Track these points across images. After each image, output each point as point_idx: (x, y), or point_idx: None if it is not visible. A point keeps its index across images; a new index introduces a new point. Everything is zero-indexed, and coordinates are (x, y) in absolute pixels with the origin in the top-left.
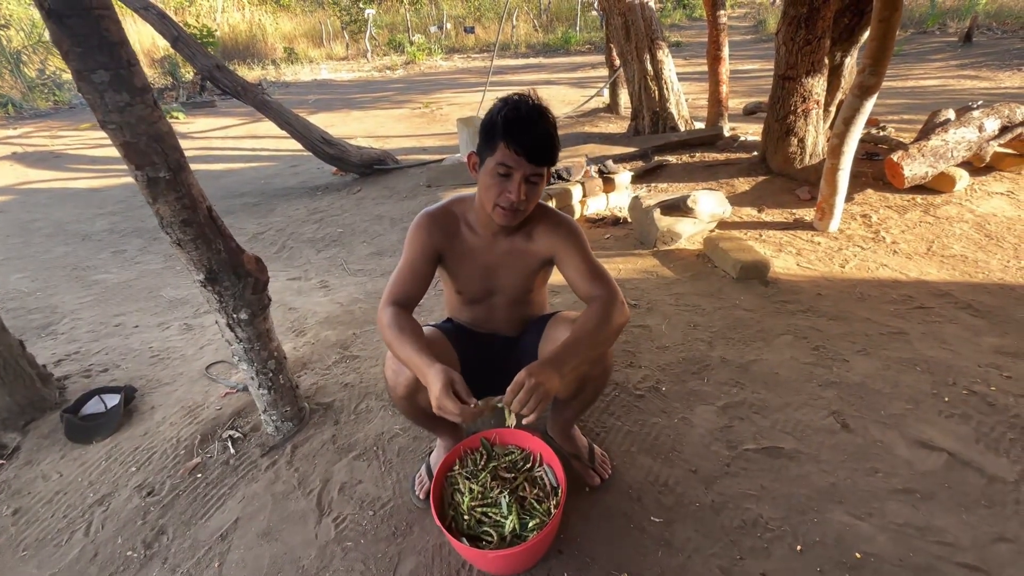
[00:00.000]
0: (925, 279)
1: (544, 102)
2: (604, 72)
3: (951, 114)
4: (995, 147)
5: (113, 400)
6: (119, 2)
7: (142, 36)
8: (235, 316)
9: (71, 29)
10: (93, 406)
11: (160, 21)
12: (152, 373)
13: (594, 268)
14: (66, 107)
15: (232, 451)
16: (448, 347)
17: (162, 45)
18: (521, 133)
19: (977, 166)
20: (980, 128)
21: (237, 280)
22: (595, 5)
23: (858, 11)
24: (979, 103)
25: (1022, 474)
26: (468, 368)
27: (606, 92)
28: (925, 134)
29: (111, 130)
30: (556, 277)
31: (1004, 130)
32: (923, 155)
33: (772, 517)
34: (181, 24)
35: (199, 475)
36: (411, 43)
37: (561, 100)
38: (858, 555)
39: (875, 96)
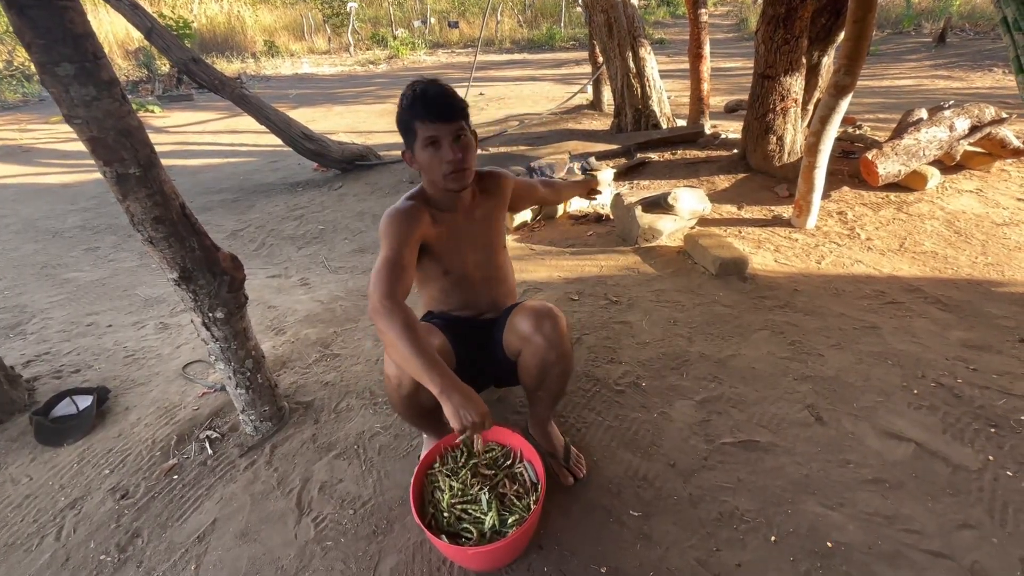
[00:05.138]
0: (897, 275)
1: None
2: (588, 69)
3: (924, 114)
4: (965, 146)
5: (85, 401)
6: None
7: (115, 27)
8: (210, 315)
9: (33, 20)
10: (64, 408)
11: (132, 12)
12: (126, 373)
13: (536, 180)
14: (35, 100)
15: (210, 451)
16: (445, 341)
17: (136, 36)
18: (427, 104)
19: (948, 164)
20: (951, 127)
21: (212, 278)
22: (579, 1)
23: (835, 11)
24: (950, 103)
25: (985, 463)
26: (457, 356)
27: (589, 89)
28: (899, 133)
29: (77, 125)
30: (536, 274)
31: (974, 129)
32: (896, 154)
33: (748, 509)
34: (155, 15)
35: (175, 476)
36: (394, 37)
37: (545, 96)
38: (829, 544)
39: (850, 95)
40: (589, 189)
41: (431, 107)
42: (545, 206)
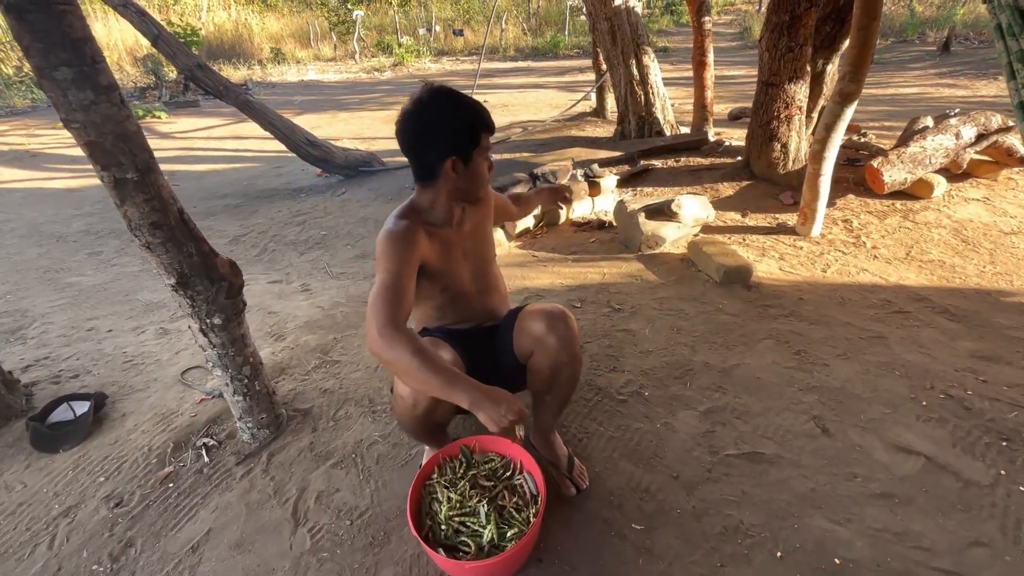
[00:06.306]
0: (904, 283)
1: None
2: (592, 76)
3: (929, 121)
4: (972, 154)
5: (82, 407)
6: None
7: (125, 34)
8: (208, 321)
9: (31, 24)
10: (61, 414)
11: (140, 19)
12: (125, 379)
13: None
14: (44, 105)
15: (206, 459)
16: (454, 353)
17: (145, 44)
18: (489, 116)
19: (954, 172)
20: (957, 135)
21: (210, 284)
22: (583, 10)
23: (839, 19)
24: (956, 111)
25: (997, 478)
26: (467, 365)
27: (593, 96)
28: (904, 141)
29: (75, 129)
30: (538, 281)
31: (980, 137)
32: (902, 161)
33: (753, 523)
34: (164, 22)
35: (171, 484)
36: (400, 45)
37: (549, 104)
38: (837, 561)
39: (855, 103)
40: (557, 196)
41: (490, 118)
42: (517, 220)
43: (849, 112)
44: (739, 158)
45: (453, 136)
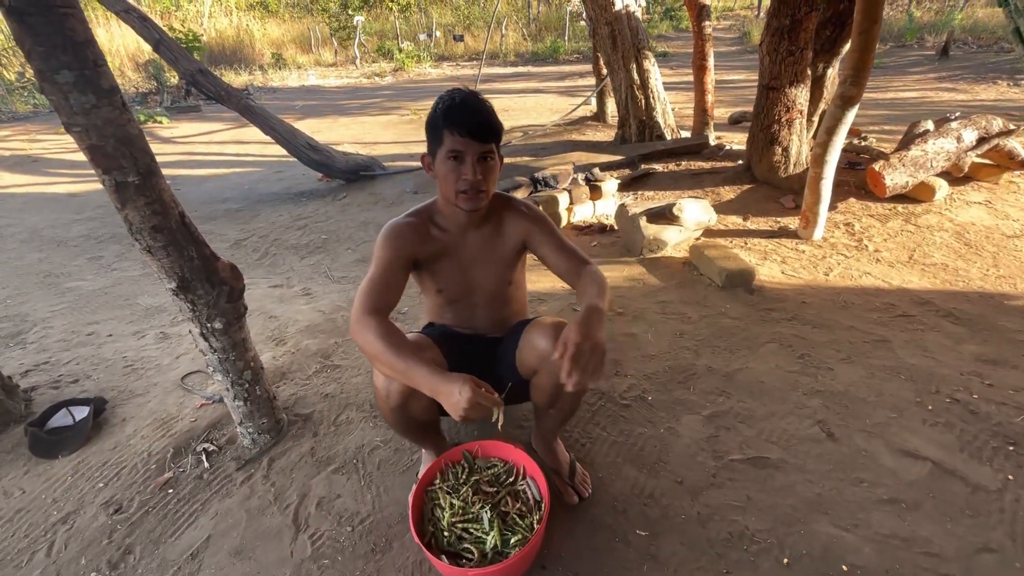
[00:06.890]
0: (907, 287)
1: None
2: (592, 81)
3: (930, 125)
4: (973, 157)
5: (82, 412)
6: (100, 4)
7: (127, 40)
8: (209, 325)
9: (32, 27)
10: (60, 419)
11: (141, 24)
12: (125, 384)
13: (566, 244)
14: (46, 110)
15: (206, 465)
16: (437, 352)
17: (147, 49)
18: (462, 117)
19: (956, 176)
20: (958, 139)
21: (211, 288)
22: (583, 15)
23: (839, 23)
24: (957, 114)
25: (1005, 483)
26: (453, 370)
27: (593, 101)
28: (905, 144)
29: (76, 133)
30: (539, 284)
31: (981, 141)
32: (904, 165)
33: (758, 529)
34: (166, 28)
35: (170, 490)
36: (400, 50)
37: (549, 108)
38: (845, 567)
39: (856, 106)
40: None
41: (466, 121)
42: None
43: (850, 116)
44: (740, 162)
45: (429, 133)
